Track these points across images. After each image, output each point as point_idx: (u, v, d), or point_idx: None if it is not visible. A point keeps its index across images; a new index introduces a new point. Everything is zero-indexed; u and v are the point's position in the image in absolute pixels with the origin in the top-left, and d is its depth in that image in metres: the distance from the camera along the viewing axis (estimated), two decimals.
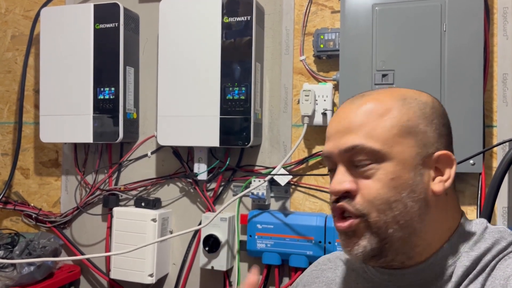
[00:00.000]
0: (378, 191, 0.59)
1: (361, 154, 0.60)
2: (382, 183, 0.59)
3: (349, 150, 0.61)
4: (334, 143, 0.63)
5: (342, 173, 0.62)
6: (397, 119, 0.61)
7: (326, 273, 0.76)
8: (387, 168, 0.59)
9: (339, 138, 0.62)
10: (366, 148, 0.60)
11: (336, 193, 0.61)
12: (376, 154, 0.59)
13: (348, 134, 0.61)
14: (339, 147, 0.62)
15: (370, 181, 0.59)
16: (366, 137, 0.60)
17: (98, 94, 1.47)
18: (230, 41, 1.34)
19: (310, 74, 1.38)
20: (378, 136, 0.60)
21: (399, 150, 0.60)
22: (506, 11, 1.21)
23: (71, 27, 1.49)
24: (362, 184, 0.60)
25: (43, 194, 1.68)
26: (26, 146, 1.70)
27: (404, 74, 1.19)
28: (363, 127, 0.61)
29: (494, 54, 1.23)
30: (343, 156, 0.62)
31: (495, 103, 1.23)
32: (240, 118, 1.33)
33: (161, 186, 1.54)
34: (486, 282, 0.56)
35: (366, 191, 0.59)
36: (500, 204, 1.20)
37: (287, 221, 1.33)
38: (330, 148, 0.64)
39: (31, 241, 1.48)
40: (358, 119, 0.62)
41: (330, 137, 0.64)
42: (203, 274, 1.50)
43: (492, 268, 0.57)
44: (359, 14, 1.24)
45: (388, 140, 0.60)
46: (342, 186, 0.61)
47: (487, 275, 0.56)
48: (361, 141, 0.60)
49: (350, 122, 0.62)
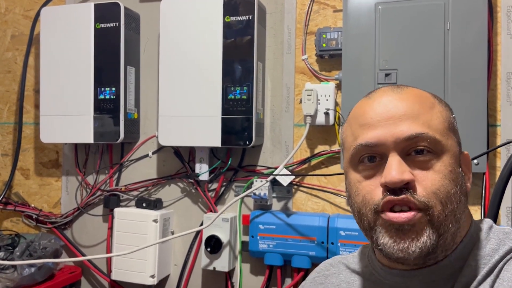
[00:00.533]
0: (440, 182, 0.56)
1: (423, 143, 0.57)
2: (442, 174, 0.56)
3: (411, 138, 0.56)
4: (386, 130, 0.58)
5: (400, 161, 0.56)
6: (444, 113, 0.61)
7: (330, 279, 0.74)
8: (446, 160, 0.57)
9: (394, 125, 0.57)
10: (430, 137, 0.57)
11: (398, 183, 0.55)
12: (437, 144, 0.57)
13: (405, 121, 0.57)
14: (396, 135, 0.57)
15: (430, 172, 0.56)
16: (427, 127, 0.57)
17: (99, 94, 1.46)
18: (231, 40, 1.34)
19: (312, 73, 1.37)
20: (435, 127, 0.58)
21: (451, 144, 0.59)
22: (510, 10, 1.20)
23: (71, 26, 1.48)
24: (420, 175, 0.56)
25: (44, 194, 1.68)
26: (26, 146, 1.69)
27: (407, 73, 1.18)
28: (420, 116, 0.58)
29: (498, 53, 1.22)
30: (401, 144, 0.57)
31: (499, 102, 1.22)
32: (242, 118, 1.32)
33: (162, 186, 1.53)
34: (495, 284, 0.55)
35: (428, 183, 0.56)
36: (504, 204, 1.19)
37: (289, 221, 1.32)
38: (381, 136, 0.58)
39: (32, 242, 1.47)
40: (413, 108, 0.58)
41: (377, 124, 0.59)
42: (204, 275, 1.49)
43: (500, 269, 0.56)
44: (362, 13, 1.23)
45: (444, 132, 0.59)
46: (403, 175, 0.55)
47: (495, 277, 0.55)
48: (424, 130, 0.57)
49: (404, 110, 0.58)
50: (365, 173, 0.60)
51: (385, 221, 0.56)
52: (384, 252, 0.57)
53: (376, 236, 0.58)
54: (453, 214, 0.56)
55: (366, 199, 0.59)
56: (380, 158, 0.59)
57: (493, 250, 0.58)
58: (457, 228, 0.58)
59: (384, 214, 0.57)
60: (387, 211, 0.57)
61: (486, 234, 0.61)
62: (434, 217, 0.55)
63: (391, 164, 0.56)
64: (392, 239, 0.56)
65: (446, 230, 0.56)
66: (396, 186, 0.55)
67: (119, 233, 1.46)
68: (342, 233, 1.27)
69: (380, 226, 0.57)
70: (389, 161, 0.57)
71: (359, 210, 0.60)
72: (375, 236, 0.58)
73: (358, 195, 0.60)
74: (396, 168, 0.56)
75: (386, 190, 0.57)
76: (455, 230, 0.58)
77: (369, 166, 0.59)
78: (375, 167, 0.59)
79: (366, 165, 0.60)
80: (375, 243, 0.58)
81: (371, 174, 0.59)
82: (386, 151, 0.58)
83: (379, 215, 0.57)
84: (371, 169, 0.59)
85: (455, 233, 0.58)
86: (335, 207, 1.36)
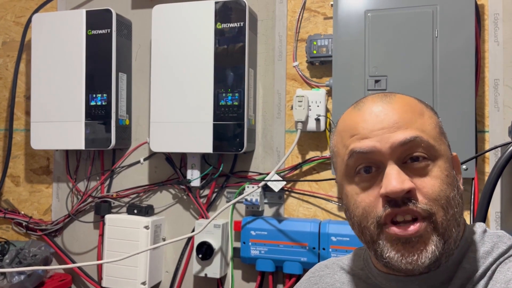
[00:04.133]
0: (439, 187, 0.55)
1: (419, 148, 0.56)
2: (440, 179, 0.56)
3: (406, 143, 0.56)
4: (380, 138, 0.57)
5: (398, 171, 0.55)
6: (433, 119, 0.61)
7: (325, 278, 0.74)
8: (442, 165, 0.57)
9: (388, 133, 0.57)
10: (425, 141, 0.57)
11: (399, 193, 0.54)
12: (432, 149, 0.57)
13: (399, 129, 0.57)
14: (391, 141, 0.56)
15: (428, 178, 0.56)
16: (421, 132, 0.57)
17: (90, 101, 1.46)
18: (223, 47, 1.34)
19: (303, 80, 1.38)
20: (428, 132, 0.58)
21: (444, 148, 0.60)
22: (497, 17, 1.22)
23: (63, 33, 1.48)
24: (419, 182, 0.56)
25: (34, 201, 1.66)
26: (17, 153, 1.68)
27: (396, 80, 1.20)
28: (413, 123, 0.58)
29: (486, 60, 1.24)
30: (396, 151, 0.56)
31: (487, 108, 1.24)
32: (234, 124, 1.33)
33: (153, 193, 1.53)
34: (488, 286, 0.55)
35: (428, 190, 0.55)
36: (493, 209, 1.20)
37: (281, 227, 1.33)
38: (376, 143, 0.57)
39: (22, 250, 1.45)
40: (404, 116, 0.58)
41: (371, 134, 0.58)
42: (196, 282, 1.48)
43: (493, 271, 0.56)
44: (352, 20, 1.24)
45: (436, 137, 0.59)
46: (404, 185, 0.54)
47: (489, 279, 0.56)
48: (419, 134, 0.57)
49: (396, 119, 0.58)
50: (363, 185, 0.59)
51: (391, 236, 0.55)
52: (390, 265, 0.56)
53: (380, 249, 0.57)
54: (455, 218, 0.56)
55: (367, 211, 0.57)
56: (376, 168, 0.58)
57: (487, 253, 0.58)
58: (458, 232, 0.58)
59: (388, 229, 0.55)
60: (390, 223, 0.56)
61: (480, 238, 0.61)
62: (438, 224, 0.55)
63: (390, 173, 0.55)
64: (400, 252, 0.55)
65: (450, 235, 0.56)
66: (397, 196, 0.54)
67: (110, 240, 1.45)
68: (333, 238, 1.27)
69: (384, 240, 0.56)
70: (388, 170, 0.56)
71: (359, 223, 0.59)
72: (379, 250, 0.57)
73: (357, 208, 0.59)
74: (396, 177, 0.54)
75: (387, 201, 0.55)
76: (457, 234, 0.58)
77: (366, 177, 0.58)
78: (372, 178, 0.58)
79: (363, 176, 0.59)
80: (379, 255, 0.57)
81: (368, 185, 0.58)
82: (382, 160, 0.57)
83: (382, 229, 0.56)
84: (368, 181, 0.58)
85: (457, 237, 0.58)
86: (327, 212, 1.36)
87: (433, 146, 0.57)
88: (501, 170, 0.89)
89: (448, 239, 0.55)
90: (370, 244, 0.58)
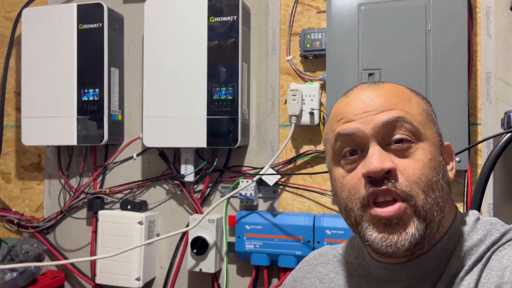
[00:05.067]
0: (421, 170, 0.56)
1: (402, 129, 0.57)
2: (422, 163, 0.57)
3: (389, 123, 0.57)
4: (364, 120, 0.59)
5: (380, 151, 0.57)
6: (421, 105, 0.62)
7: (318, 268, 0.75)
8: (426, 148, 0.58)
9: (372, 116, 0.58)
10: (408, 121, 0.58)
11: (378, 172, 0.55)
12: (416, 131, 0.58)
13: (383, 112, 0.58)
14: (374, 122, 0.58)
15: (409, 160, 0.57)
16: (405, 113, 0.58)
17: (82, 96, 1.44)
18: (216, 41, 1.34)
19: (297, 74, 1.38)
20: (413, 116, 0.59)
21: (430, 133, 0.60)
22: (489, 10, 1.23)
23: (53, 27, 1.46)
24: (401, 164, 0.57)
25: (25, 199, 1.64)
26: (7, 150, 1.66)
27: (390, 73, 1.20)
28: (397, 106, 0.59)
29: (478, 53, 1.25)
30: (379, 132, 0.58)
31: (479, 101, 1.24)
32: (227, 118, 1.32)
33: (147, 188, 1.52)
34: (482, 274, 0.55)
35: (409, 171, 0.56)
36: (486, 200, 1.21)
37: (275, 221, 1.33)
38: (359, 125, 0.59)
39: (13, 247, 1.44)
40: (390, 100, 0.59)
41: (355, 117, 0.60)
42: (191, 277, 1.48)
43: (488, 259, 0.56)
44: (345, 14, 1.24)
45: (421, 121, 0.59)
46: (384, 164, 0.55)
47: (483, 266, 0.56)
48: (402, 114, 0.58)
49: (381, 103, 0.59)
50: (348, 167, 0.60)
51: (373, 216, 0.57)
52: (373, 248, 0.57)
53: (363, 232, 0.58)
54: (437, 202, 0.57)
55: (351, 193, 0.59)
56: (361, 150, 0.59)
57: (480, 241, 0.58)
58: (441, 217, 0.58)
59: (371, 210, 0.57)
60: (373, 204, 0.57)
61: (473, 225, 0.61)
62: (419, 207, 0.55)
63: (371, 154, 0.57)
64: (381, 234, 0.56)
65: (432, 219, 0.56)
66: (377, 175, 0.56)
67: (104, 236, 1.44)
68: (328, 232, 1.27)
69: (367, 222, 0.57)
70: (370, 151, 0.57)
71: (345, 205, 0.60)
72: (362, 232, 0.58)
73: (343, 190, 0.60)
74: (376, 157, 0.56)
75: (369, 181, 0.57)
76: (440, 219, 0.58)
77: (351, 159, 0.60)
78: (357, 160, 0.60)
79: (348, 159, 0.60)
80: (363, 239, 0.58)
81: (353, 167, 0.60)
82: (365, 142, 0.58)
83: (366, 211, 0.57)
84: (353, 163, 0.60)
85: (440, 222, 0.58)
86: (321, 206, 1.37)
87: (417, 127, 0.58)
88: (495, 161, 0.89)
89: (429, 222, 0.56)
90: (355, 227, 0.60)
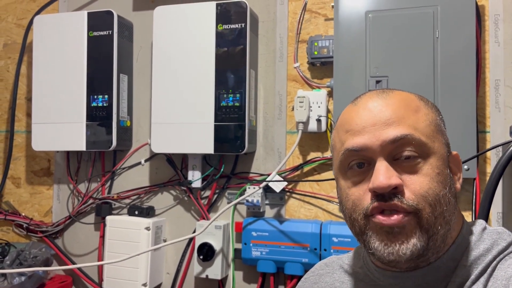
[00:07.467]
0: (428, 185, 0.56)
1: (409, 146, 0.57)
2: (430, 177, 0.57)
3: (396, 141, 0.57)
4: (372, 135, 0.58)
5: (387, 167, 0.57)
6: (430, 116, 0.61)
7: (324, 277, 0.75)
8: (433, 163, 0.58)
9: (380, 130, 0.58)
10: (416, 138, 0.57)
11: (385, 188, 0.55)
12: (423, 146, 0.58)
13: (391, 126, 0.58)
14: (382, 139, 0.57)
15: (417, 176, 0.57)
16: (413, 129, 0.58)
17: (92, 102, 1.46)
18: (224, 48, 1.35)
19: (304, 81, 1.38)
20: (421, 130, 0.59)
21: (438, 146, 0.60)
22: (498, 18, 1.23)
23: (64, 34, 1.49)
24: (408, 179, 0.57)
25: (35, 203, 1.66)
26: (18, 155, 1.68)
27: (397, 80, 1.20)
28: (405, 120, 0.58)
29: (486, 61, 1.24)
30: (387, 148, 0.57)
31: (488, 108, 1.24)
32: (235, 125, 1.33)
33: (154, 194, 1.53)
34: (488, 283, 0.55)
35: (416, 186, 0.56)
36: (495, 209, 1.20)
37: (282, 228, 1.32)
38: (367, 141, 0.58)
39: (22, 251, 1.45)
40: (398, 112, 0.59)
41: (363, 130, 0.59)
42: (197, 283, 1.48)
43: (493, 268, 0.56)
44: (353, 21, 1.24)
45: (430, 135, 0.59)
46: (391, 180, 0.55)
47: (489, 276, 0.56)
48: (410, 131, 0.58)
49: (389, 115, 0.59)
50: (354, 179, 0.61)
51: (376, 224, 0.57)
52: (376, 256, 0.57)
53: (367, 240, 0.58)
54: (443, 216, 0.57)
55: (356, 204, 0.59)
56: (368, 163, 0.59)
57: (487, 250, 0.58)
58: (447, 230, 0.58)
59: (374, 218, 0.57)
60: (376, 214, 0.57)
61: (479, 235, 0.61)
62: (423, 219, 0.55)
63: (378, 169, 0.57)
64: (383, 242, 0.56)
65: (435, 232, 0.56)
66: (384, 191, 0.56)
67: (111, 241, 1.45)
68: (335, 239, 1.27)
69: (370, 230, 0.58)
70: (377, 166, 0.57)
71: (350, 215, 0.61)
72: (366, 241, 0.59)
73: (348, 201, 0.61)
74: (383, 173, 0.56)
75: (375, 195, 0.57)
76: (445, 232, 0.58)
77: (358, 172, 0.60)
78: (363, 173, 0.60)
79: (355, 171, 0.60)
80: (367, 247, 0.59)
81: (359, 180, 0.60)
82: (373, 156, 0.58)
83: (369, 219, 0.58)
84: (359, 175, 0.60)
85: (445, 235, 0.58)
86: (328, 213, 1.36)
87: (425, 144, 0.58)
88: (503, 169, 0.89)
89: (432, 235, 0.56)
90: (360, 236, 0.60)
